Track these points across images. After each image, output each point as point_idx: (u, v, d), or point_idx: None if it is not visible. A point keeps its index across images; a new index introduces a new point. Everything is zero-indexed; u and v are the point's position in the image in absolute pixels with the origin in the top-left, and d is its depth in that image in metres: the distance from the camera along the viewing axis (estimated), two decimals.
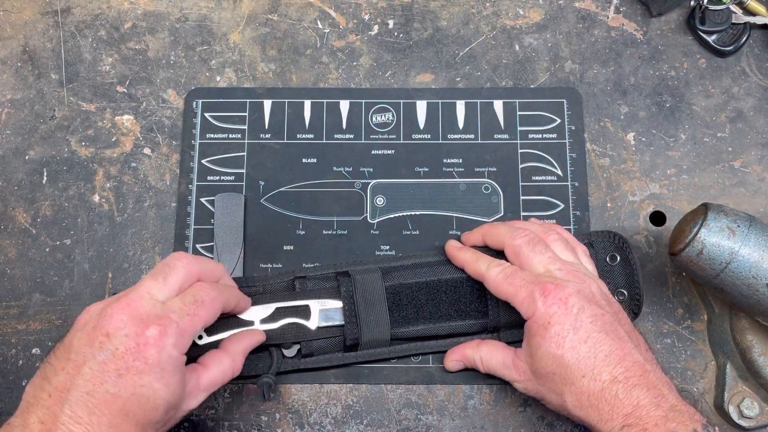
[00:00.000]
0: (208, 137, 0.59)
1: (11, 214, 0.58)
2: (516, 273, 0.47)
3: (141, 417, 0.39)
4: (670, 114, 0.59)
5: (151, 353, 0.39)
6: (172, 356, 0.40)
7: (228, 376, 0.46)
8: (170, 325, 0.40)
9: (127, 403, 0.39)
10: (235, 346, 0.48)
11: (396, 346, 0.53)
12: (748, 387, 0.52)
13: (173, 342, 0.40)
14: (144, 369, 0.39)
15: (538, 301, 0.45)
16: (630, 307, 0.53)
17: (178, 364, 0.41)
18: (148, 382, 0.39)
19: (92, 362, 0.39)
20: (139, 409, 0.39)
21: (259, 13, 0.62)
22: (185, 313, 0.42)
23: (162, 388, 0.39)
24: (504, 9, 0.62)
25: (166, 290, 0.43)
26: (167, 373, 0.40)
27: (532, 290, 0.45)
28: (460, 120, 0.59)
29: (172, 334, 0.40)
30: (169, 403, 0.40)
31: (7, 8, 0.62)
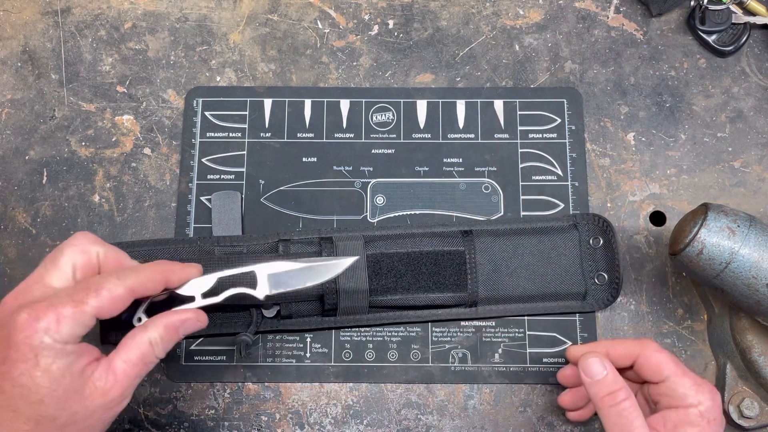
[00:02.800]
0: (209, 136, 0.59)
1: (11, 214, 0.58)
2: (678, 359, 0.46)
3: (30, 412, 0.36)
4: (670, 114, 0.59)
5: (20, 339, 0.36)
6: (45, 343, 0.36)
7: (149, 353, 0.41)
8: (45, 309, 0.37)
9: (11, 396, 0.36)
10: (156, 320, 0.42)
11: (374, 314, 0.54)
12: (748, 387, 0.52)
13: (45, 327, 0.36)
14: (17, 357, 0.36)
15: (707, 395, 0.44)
16: (609, 291, 0.54)
17: (58, 351, 0.37)
18: (26, 370, 0.36)
19: None
20: (24, 402, 0.36)
21: (259, 13, 0.62)
22: (69, 300, 0.38)
23: (41, 375, 0.36)
24: (504, 9, 0.62)
25: (58, 274, 0.40)
26: (44, 360, 0.36)
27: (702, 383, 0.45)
28: (460, 119, 0.59)
29: (44, 318, 0.37)
30: (58, 393, 0.37)
31: (7, 8, 0.62)
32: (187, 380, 0.54)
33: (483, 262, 0.54)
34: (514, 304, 0.55)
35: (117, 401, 0.39)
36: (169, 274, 0.43)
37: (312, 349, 0.55)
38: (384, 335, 0.55)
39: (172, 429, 0.54)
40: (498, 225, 0.56)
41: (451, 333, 0.55)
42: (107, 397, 0.39)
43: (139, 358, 0.40)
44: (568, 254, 0.55)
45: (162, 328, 0.42)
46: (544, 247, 0.55)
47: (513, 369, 0.54)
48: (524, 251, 0.55)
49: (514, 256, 0.55)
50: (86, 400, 0.38)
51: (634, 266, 0.56)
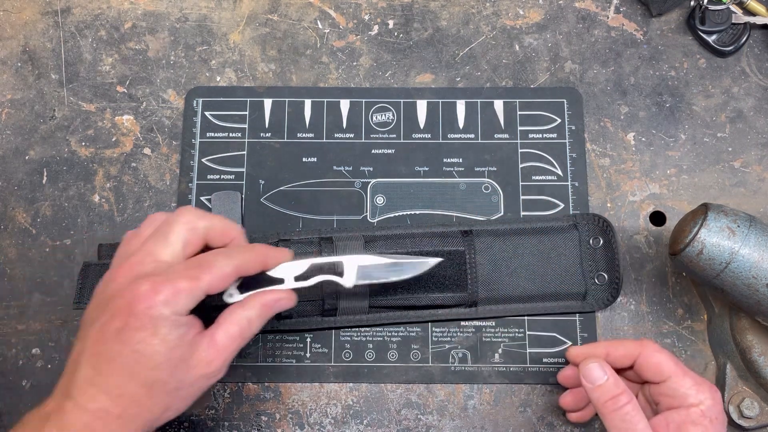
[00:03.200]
0: (209, 136, 0.59)
1: (11, 214, 0.58)
2: (677, 359, 0.47)
3: (145, 376, 0.39)
4: (670, 114, 0.59)
5: (141, 309, 0.38)
6: (164, 314, 0.39)
7: (246, 329, 0.43)
8: (164, 282, 0.39)
9: (129, 361, 0.38)
10: (253, 298, 0.44)
11: (374, 314, 0.54)
12: (748, 387, 0.52)
13: (164, 299, 0.39)
14: (138, 326, 0.38)
15: (707, 394, 0.44)
16: (609, 291, 0.55)
17: (174, 322, 0.39)
18: (144, 338, 0.38)
19: (97, 324, 0.40)
20: (141, 367, 0.38)
21: (259, 13, 0.62)
22: (185, 275, 0.40)
23: (158, 343, 0.39)
24: (504, 9, 0.62)
25: (169, 250, 0.42)
26: (162, 330, 0.39)
27: (702, 382, 0.45)
28: (461, 119, 0.59)
29: (164, 290, 0.39)
30: (172, 361, 0.39)
31: (7, 8, 0.62)
32: None
33: (483, 262, 0.54)
34: (514, 304, 0.55)
35: (217, 372, 0.42)
36: (267, 256, 0.45)
37: (312, 349, 0.55)
38: (384, 335, 0.55)
39: (172, 429, 0.54)
40: (498, 225, 0.56)
41: (451, 333, 0.55)
42: (210, 367, 0.41)
43: (239, 333, 0.42)
44: (568, 254, 0.55)
45: (259, 306, 0.44)
46: (544, 247, 0.55)
47: (513, 369, 0.54)
48: (524, 251, 0.55)
49: (514, 256, 0.55)
50: (193, 369, 0.40)
51: (634, 266, 0.56)
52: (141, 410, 0.39)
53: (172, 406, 0.40)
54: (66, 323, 0.55)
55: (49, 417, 0.39)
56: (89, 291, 0.52)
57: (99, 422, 0.38)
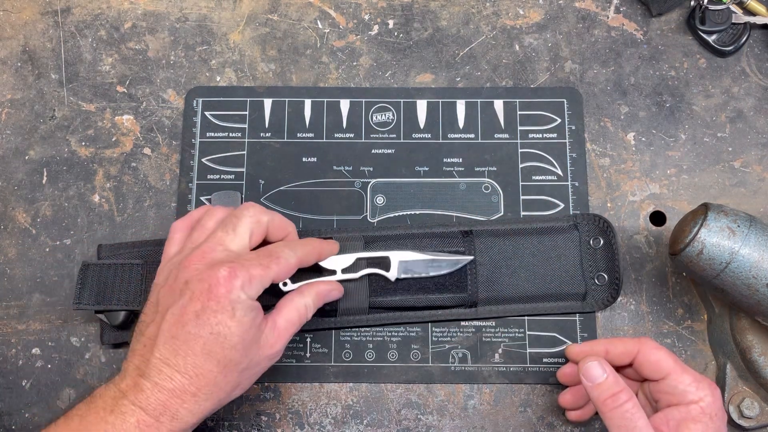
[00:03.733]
0: (209, 136, 0.59)
1: (11, 214, 0.58)
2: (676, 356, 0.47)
3: (221, 356, 0.41)
4: (670, 114, 0.59)
5: (221, 292, 0.41)
6: (240, 298, 0.42)
7: (303, 314, 0.47)
8: (240, 268, 0.42)
9: (207, 342, 0.41)
10: (309, 287, 0.48)
11: (374, 315, 0.54)
12: (748, 387, 0.52)
13: (241, 284, 0.42)
14: (217, 308, 0.41)
15: (707, 391, 0.45)
16: (609, 291, 0.54)
17: (248, 306, 0.42)
18: (223, 320, 0.41)
19: (174, 308, 0.42)
20: (219, 347, 0.41)
21: (259, 13, 0.62)
22: (257, 263, 0.43)
23: (235, 325, 0.41)
24: (504, 9, 0.62)
25: (237, 240, 0.45)
26: (239, 312, 0.41)
27: (702, 379, 0.45)
28: (461, 119, 0.59)
29: (240, 276, 0.42)
30: (245, 342, 0.42)
31: (7, 8, 0.62)
32: None
33: (483, 263, 0.54)
34: (514, 304, 0.55)
35: (277, 354, 0.45)
36: (322, 249, 0.50)
37: (312, 349, 0.55)
38: (384, 335, 0.55)
39: None
40: (498, 225, 0.56)
41: (451, 333, 0.55)
42: (273, 349, 0.45)
43: (297, 318, 0.46)
44: (568, 254, 0.55)
45: (314, 294, 0.48)
46: (544, 247, 0.55)
47: (513, 369, 0.54)
48: (524, 251, 0.55)
49: (514, 256, 0.55)
50: (260, 349, 0.44)
51: (634, 266, 0.56)
52: (215, 388, 0.42)
53: (241, 383, 0.43)
54: (66, 323, 0.55)
55: (126, 394, 0.41)
56: (89, 291, 0.52)
57: (176, 400, 0.41)
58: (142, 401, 0.40)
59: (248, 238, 0.45)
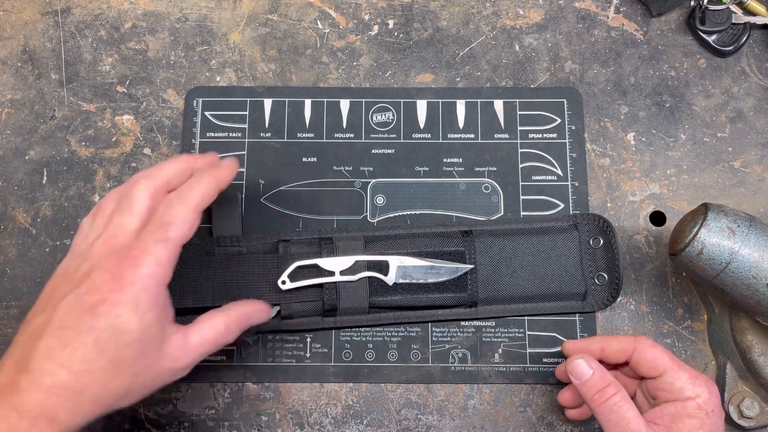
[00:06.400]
0: (209, 136, 0.59)
1: (11, 214, 0.58)
2: (671, 352, 0.47)
3: (115, 353, 0.38)
4: (670, 114, 0.59)
5: (125, 284, 0.38)
6: (148, 287, 0.39)
7: (221, 335, 0.43)
8: (143, 255, 0.39)
9: (102, 336, 0.38)
10: (234, 308, 0.45)
11: (374, 315, 0.54)
12: (748, 387, 0.52)
13: (147, 272, 0.39)
14: (119, 300, 0.38)
15: (704, 388, 0.44)
16: (609, 291, 0.55)
17: (155, 297, 0.39)
18: (123, 313, 0.38)
19: (71, 297, 0.39)
20: (113, 343, 0.38)
21: (259, 13, 0.62)
22: (157, 241, 0.40)
23: (136, 320, 0.38)
24: (504, 9, 0.62)
25: (136, 218, 0.41)
26: (142, 306, 0.38)
27: (698, 375, 0.45)
28: (461, 119, 0.59)
29: (146, 264, 0.39)
30: (144, 341, 0.39)
31: (7, 8, 0.62)
32: (187, 380, 0.54)
33: (483, 263, 0.54)
34: (514, 304, 0.55)
35: (182, 371, 0.42)
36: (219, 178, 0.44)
37: (312, 349, 0.55)
38: (384, 335, 0.55)
39: (172, 429, 0.54)
40: (498, 225, 0.56)
41: (451, 333, 0.55)
42: (176, 364, 0.41)
43: (213, 338, 0.43)
44: (568, 254, 0.55)
45: (237, 315, 0.44)
46: (544, 247, 0.55)
47: (513, 369, 0.54)
48: (524, 251, 0.55)
49: (514, 256, 0.55)
50: (160, 358, 0.40)
51: (634, 266, 0.56)
52: (102, 390, 0.38)
53: (132, 391, 0.40)
54: None
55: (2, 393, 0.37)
56: None
57: (55, 399, 0.37)
58: (16, 401, 0.36)
59: (146, 212, 0.42)
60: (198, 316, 0.44)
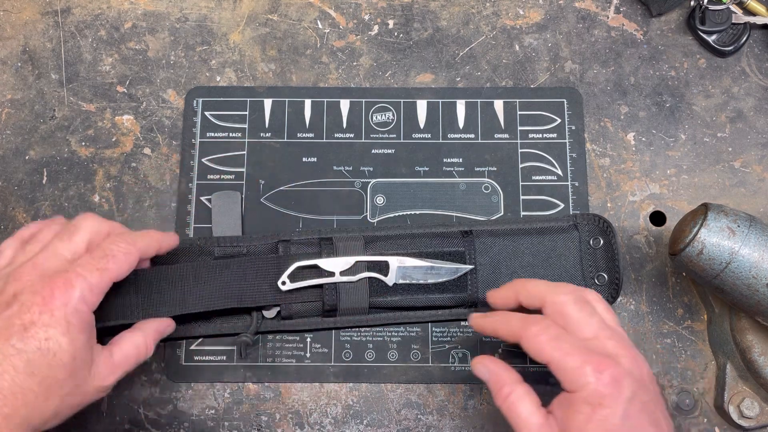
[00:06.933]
0: (209, 136, 0.59)
1: (11, 214, 0.58)
2: (562, 336, 0.41)
3: (46, 375, 0.38)
4: (670, 114, 0.59)
5: (57, 306, 0.39)
6: (78, 310, 0.39)
7: (142, 351, 0.45)
8: (77, 279, 0.40)
9: (32, 359, 0.38)
10: (147, 325, 0.47)
11: (374, 315, 0.54)
12: (748, 387, 0.52)
13: (80, 296, 0.39)
14: (49, 322, 0.38)
15: (590, 377, 0.39)
16: (609, 291, 0.54)
17: (85, 321, 0.40)
18: (54, 335, 0.38)
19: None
20: (45, 365, 0.38)
21: (259, 13, 0.62)
22: (94, 268, 0.41)
23: (67, 342, 0.39)
24: (504, 9, 0.62)
25: (72, 247, 0.42)
26: (73, 329, 0.39)
27: (584, 362, 0.40)
28: (461, 119, 0.59)
29: (78, 288, 0.39)
30: (76, 363, 0.39)
31: (7, 8, 0.62)
32: (187, 380, 0.54)
33: (483, 263, 0.54)
34: None
35: (107, 389, 0.43)
36: (161, 241, 0.47)
37: (312, 349, 0.55)
38: (384, 335, 0.55)
39: (172, 429, 0.54)
40: (498, 225, 0.56)
41: (451, 333, 0.55)
42: (103, 382, 0.42)
43: (134, 354, 0.45)
44: (568, 254, 0.55)
45: (152, 331, 0.47)
46: (544, 247, 0.55)
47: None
48: (524, 251, 0.55)
49: (514, 256, 0.54)
50: (89, 378, 0.41)
51: (634, 266, 0.56)
52: (32, 412, 0.38)
53: (60, 412, 0.40)
54: None
55: None
56: None
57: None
58: None
59: (84, 247, 0.43)
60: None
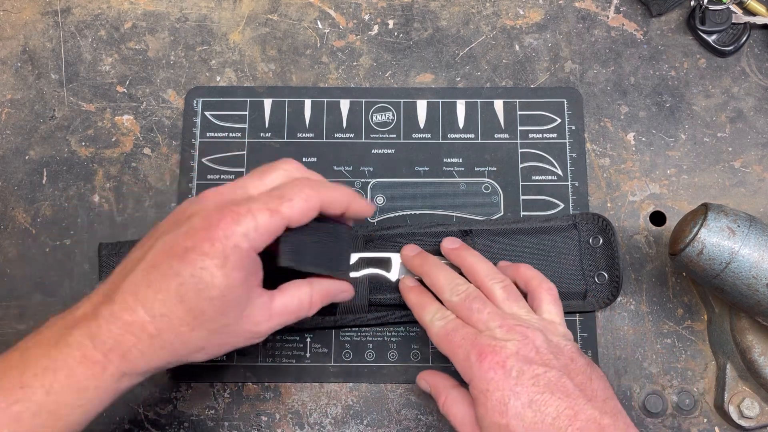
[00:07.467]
0: (209, 136, 0.59)
1: (11, 214, 0.58)
2: (457, 329, 0.44)
3: (194, 305, 0.37)
4: (670, 114, 0.59)
5: (218, 237, 0.37)
6: (239, 247, 0.37)
7: (305, 306, 0.43)
8: (245, 215, 0.38)
9: (184, 284, 0.37)
10: (320, 283, 0.44)
11: (374, 314, 0.54)
12: (748, 387, 0.52)
13: (243, 232, 0.38)
14: (208, 251, 0.37)
15: (474, 366, 0.41)
16: (609, 290, 0.55)
17: (245, 258, 0.38)
18: (209, 266, 0.37)
19: (168, 236, 0.38)
20: (194, 294, 0.37)
21: (259, 13, 0.62)
22: (265, 208, 0.39)
23: (221, 276, 0.37)
24: (504, 9, 0.62)
25: (260, 186, 0.41)
26: (230, 264, 0.37)
27: (469, 353, 0.42)
28: (461, 119, 0.59)
29: (244, 224, 0.38)
30: (226, 300, 0.38)
31: (7, 8, 0.62)
32: (187, 380, 0.54)
33: None
34: None
35: (260, 336, 0.41)
36: (353, 201, 0.44)
37: (312, 349, 0.55)
38: (384, 335, 0.55)
39: (172, 429, 0.54)
40: (498, 225, 0.56)
41: None
42: (256, 327, 0.40)
43: (296, 307, 0.42)
44: (568, 254, 0.55)
45: (323, 289, 0.44)
46: (544, 246, 0.55)
47: None
48: (524, 251, 0.55)
49: (514, 255, 0.54)
50: (241, 319, 0.39)
51: (634, 266, 0.56)
52: (177, 339, 0.38)
53: (206, 347, 0.39)
54: None
55: (78, 323, 0.37)
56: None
57: (131, 337, 0.37)
58: (93, 330, 0.37)
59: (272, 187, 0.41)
60: None
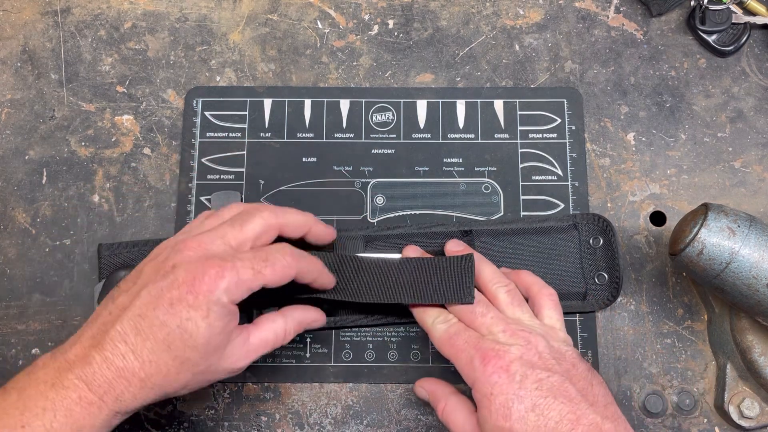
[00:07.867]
0: (209, 136, 0.59)
1: (11, 214, 0.58)
2: (459, 333, 0.45)
3: (180, 353, 0.40)
4: (670, 114, 0.59)
5: (202, 290, 0.40)
6: (220, 301, 0.40)
7: (279, 337, 0.45)
8: (230, 270, 0.40)
9: (171, 334, 0.40)
10: (293, 311, 0.47)
11: (374, 314, 0.54)
12: (748, 387, 0.52)
13: (225, 287, 0.40)
14: (193, 303, 0.39)
15: (478, 370, 0.43)
16: (609, 290, 0.54)
17: (225, 310, 0.41)
18: (194, 317, 0.40)
19: (152, 287, 0.40)
20: (181, 343, 0.40)
21: (259, 13, 0.62)
22: (249, 267, 0.41)
23: (205, 326, 0.40)
24: (504, 9, 0.62)
25: (240, 237, 0.43)
26: (213, 315, 0.40)
27: (472, 357, 0.43)
28: (461, 119, 0.59)
29: (227, 279, 0.40)
30: (209, 346, 0.41)
31: (7, 8, 0.62)
32: None
33: None
34: None
35: (238, 371, 0.44)
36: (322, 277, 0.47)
37: (312, 349, 0.55)
38: (384, 335, 0.55)
39: (172, 429, 0.54)
40: (498, 225, 0.56)
41: None
42: (235, 364, 0.43)
43: (272, 340, 0.45)
44: (568, 254, 0.55)
45: (296, 322, 0.47)
46: (544, 247, 0.55)
47: None
48: (524, 251, 0.55)
49: (514, 256, 0.54)
50: (222, 359, 0.42)
51: (634, 266, 0.56)
52: (165, 381, 0.40)
53: (190, 384, 0.42)
54: (66, 323, 0.55)
55: (72, 366, 0.39)
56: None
57: (123, 381, 0.39)
58: (87, 375, 0.39)
59: (252, 239, 0.44)
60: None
